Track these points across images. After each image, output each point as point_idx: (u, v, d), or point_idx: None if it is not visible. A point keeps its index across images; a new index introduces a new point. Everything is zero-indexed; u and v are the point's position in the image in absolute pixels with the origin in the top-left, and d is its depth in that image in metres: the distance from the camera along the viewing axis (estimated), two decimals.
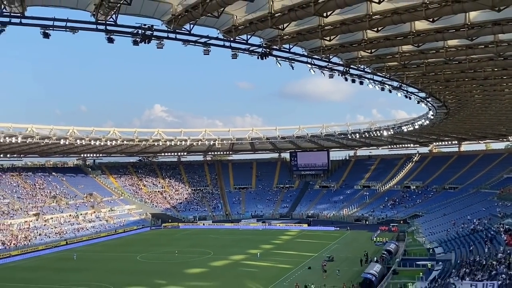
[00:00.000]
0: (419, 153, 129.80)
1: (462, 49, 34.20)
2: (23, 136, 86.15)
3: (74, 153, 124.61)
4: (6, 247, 77.77)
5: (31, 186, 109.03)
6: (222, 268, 61.52)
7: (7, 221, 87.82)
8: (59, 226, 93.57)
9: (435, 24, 27.63)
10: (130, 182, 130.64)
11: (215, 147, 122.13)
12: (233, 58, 33.05)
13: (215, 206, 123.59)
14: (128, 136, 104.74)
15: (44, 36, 26.68)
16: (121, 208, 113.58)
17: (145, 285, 52.14)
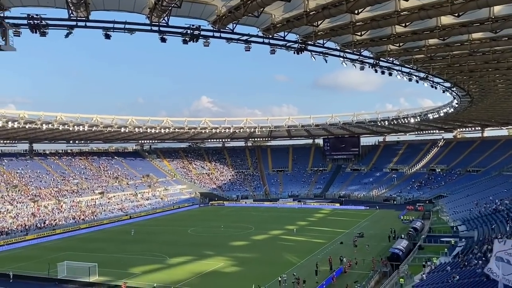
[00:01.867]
0: (444, 139, 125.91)
1: (486, 41, 32.73)
2: (89, 125, 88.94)
3: (133, 140, 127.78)
4: (76, 221, 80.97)
5: (97, 168, 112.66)
6: (262, 241, 62.01)
7: (77, 199, 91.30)
8: (120, 203, 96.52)
9: (460, 18, 26.53)
10: (181, 165, 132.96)
11: (255, 134, 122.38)
12: (271, 54, 32.85)
13: (255, 187, 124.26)
14: (179, 125, 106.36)
15: (106, 37, 27.23)
16: (174, 187, 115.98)
17: (195, 255, 53.23)
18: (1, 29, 23.06)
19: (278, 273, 42.33)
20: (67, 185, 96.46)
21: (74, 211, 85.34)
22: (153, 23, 27.12)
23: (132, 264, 50.05)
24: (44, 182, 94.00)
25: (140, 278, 43.98)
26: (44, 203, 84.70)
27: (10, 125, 76.38)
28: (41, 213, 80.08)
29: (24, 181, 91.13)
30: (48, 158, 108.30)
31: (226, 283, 41.44)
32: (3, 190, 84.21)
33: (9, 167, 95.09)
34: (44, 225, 75.66)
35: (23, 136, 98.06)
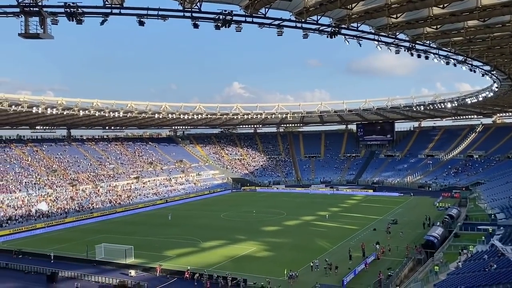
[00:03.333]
0: (482, 124, 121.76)
1: None
2: (124, 111, 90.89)
3: (166, 125, 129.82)
4: (113, 205, 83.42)
5: (132, 153, 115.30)
6: (294, 227, 62.19)
7: (113, 183, 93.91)
8: (155, 188, 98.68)
9: None
10: (214, 151, 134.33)
11: (287, 120, 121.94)
12: (304, 38, 32.44)
13: (287, 172, 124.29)
14: (211, 111, 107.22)
15: (139, 24, 27.53)
16: (206, 173, 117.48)
17: (228, 239, 54.00)
18: (40, 18, 23.65)
19: (310, 259, 42.47)
20: (104, 170, 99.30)
21: (111, 195, 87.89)
22: (185, 9, 27.21)
23: (166, 247, 51.29)
24: (82, 167, 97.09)
25: (174, 261, 45.07)
26: (82, 187, 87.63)
27: (49, 112, 78.95)
28: (79, 197, 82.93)
29: (63, 166, 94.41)
30: (85, 143, 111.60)
31: (259, 267, 41.91)
32: (43, 174, 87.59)
33: (49, 152, 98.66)
34: (82, 208, 78.39)
35: (61, 122, 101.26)
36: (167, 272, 40.79)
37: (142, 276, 40.21)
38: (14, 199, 74.85)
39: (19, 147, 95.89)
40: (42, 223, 68.37)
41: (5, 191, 75.96)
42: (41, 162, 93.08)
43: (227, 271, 39.72)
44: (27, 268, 43.99)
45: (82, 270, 42.17)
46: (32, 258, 48.47)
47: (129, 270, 41.66)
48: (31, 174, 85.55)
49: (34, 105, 75.96)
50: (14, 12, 23.65)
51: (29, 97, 77.62)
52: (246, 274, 38.51)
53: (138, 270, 41.76)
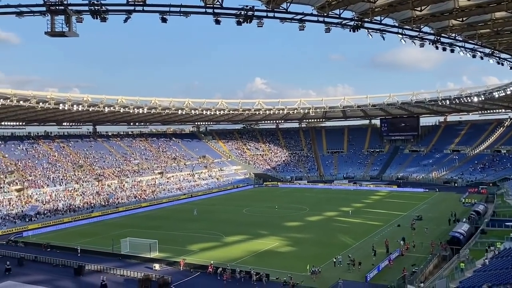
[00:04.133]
0: (510, 118, 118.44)
1: None
2: (148, 108, 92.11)
3: (189, 121, 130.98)
4: (138, 200, 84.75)
5: (156, 149, 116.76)
6: (317, 222, 61.94)
7: (138, 178, 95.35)
8: (178, 183, 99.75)
9: None
10: (236, 146, 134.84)
11: (309, 115, 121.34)
12: (326, 32, 32.12)
13: (310, 168, 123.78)
14: (233, 106, 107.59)
15: (162, 21, 27.74)
16: (229, 168, 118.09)
17: (250, 234, 54.19)
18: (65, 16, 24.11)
19: (333, 254, 42.26)
20: (129, 165, 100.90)
21: (136, 190, 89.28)
22: (207, 5, 27.28)
23: (190, 241, 51.83)
24: (107, 162, 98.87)
25: (198, 255, 45.52)
26: (107, 182, 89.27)
27: (75, 108, 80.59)
28: (105, 192, 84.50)
29: (89, 161, 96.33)
30: (110, 139, 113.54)
31: (281, 262, 41.94)
32: (70, 169, 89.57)
33: (75, 148, 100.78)
34: (108, 203, 79.88)
35: (87, 119, 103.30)
36: (190, 266, 41.23)
37: (166, 270, 40.76)
38: (43, 194, 76.84)
39: (47, 143, 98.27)
40: (69, 217, 70.02)
41: (34, 186, 78.03)
42: (68, 157, 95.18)
43: (250, 265, 39.91)
44: (55, 261, 45.15)
45: (108, 263, 43.01)
46: (60, 251, 49.73)
47: (153, 264, 42.30)
48: (58, 170, 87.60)
49: (61, 102, 77.63)
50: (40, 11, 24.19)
51: (56, 94, 79.36)
52: (269, 269, 38.63)
53: (162, 264, 42.35)
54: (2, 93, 68.74)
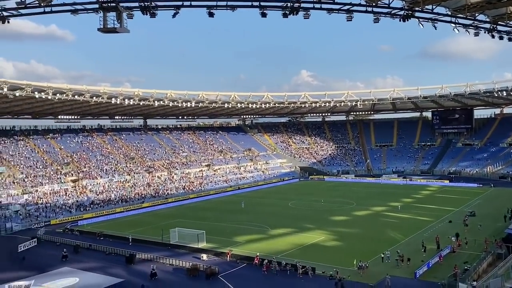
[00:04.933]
0: None
1: None
2: (196, 101, 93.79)
3: (235, 115, 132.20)
4: (186, 191, 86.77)
5: (203, 142, 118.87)
6: (364, 217, 60.92)
7: (186, 170, 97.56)
8: (225, 175, 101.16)
9: None
10: (281, 139, 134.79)
11: (357, 108, 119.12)
12: (375, 22, 31.34)
13: (357, 162, 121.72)
14: (279, 100, 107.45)
15: (209, 15, 28.14)
16: (274, 161, 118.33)
17: (296, 228, 54.13)
18: (116, 13, 25.02)
19: (381, 250, 41.47)
20: (178, 158, 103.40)
21: (184, 182, 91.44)
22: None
23: (236, 233, 52.52)
24: (157, 155, 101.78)
25: (244, 247, 46.05)
26: (157, 174, 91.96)
27: (127, 102, 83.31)
28: (155, 183, 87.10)
29: (140, 154, 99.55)
30: (160, 132, 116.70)
31: (327, 256, 41.66)
32: (122, 161, 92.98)
33: (127, 141, 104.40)
34: (157, 194, 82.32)
35: (138, 112, 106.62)
36: (237, 257, 41.82)
37: (214, 260, 41.55)
38: (96, 184, 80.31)
39: (100, 136, 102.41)
40: (121, 207, 72.80)
41: (88, 177, 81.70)
42: (120, 150, 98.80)
43: (295, 258, 39.94)
44: (108, 249, 47.14)
45: (158, 253, 44.41)
46: (112, 240, 51.84)
47: (201, 254, 43.26)
48: (111, 162, 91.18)
49: (113, 96, 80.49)
50: (93, 8, 25.24)
51: (109, 89, 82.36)
52: (314, 263, 38.49)
53: (210, 255, 43.20)
54: (59, 88, 72.16)
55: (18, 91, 65.02)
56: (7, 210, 63.93)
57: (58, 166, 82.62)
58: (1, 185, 70.68)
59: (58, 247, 48.95)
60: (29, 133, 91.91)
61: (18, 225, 60.39)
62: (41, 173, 78.36)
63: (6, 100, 69.73)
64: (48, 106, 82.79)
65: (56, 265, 42.35)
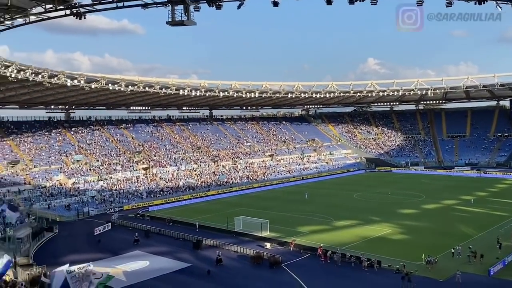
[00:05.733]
0: None
1: None
2: (259, 92, 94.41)
3: (299, 105, 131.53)
4: (250, 181, 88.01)
5: (266, 132, 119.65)
6: (434, 211, 58.45)
7: (250, 160, 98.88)
8: (288, 166, 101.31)
9: None
10: (346, 130, 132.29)
11: (427, 96, 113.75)
12: (447, 7, 29.74)
13: (427, 153, 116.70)
14: (344, 89, 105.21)
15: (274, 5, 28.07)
16: (339, 152, 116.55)
17: (361, 220, 53.13)
18: (184, 6, 25.73)
19: (451, 245, 39.61)
20: (241, 148, 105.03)
21: (248, 171, 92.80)
22: None
23: (299, 223, 52.56)
24: (222, 145, 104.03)
25: (307, 237, 46.00)
26: (222, 163, 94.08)
27: (193, 94, 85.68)
28: (220, 172, 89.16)
29: (206, 143, 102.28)
30: (225, 123, 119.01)
31: (393, 250, 40.55)
32: (189, 151, 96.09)
33: (194, 131, 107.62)
34: (222, 183, 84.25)
35: (204, 103, 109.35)
36: (300, 247, 41.88)
37: (277, 250, 41.94)
38: (165, 172, 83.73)
39: (169, 126, 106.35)
40: (188, 195, 75.39)
41: (158, 166, 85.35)
42: (187, 140, 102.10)
43: (360, 251, 39.28)
44: (176, 235, 49.10)
45: (223, 239, 45.58)
46: (180, 226, 53.93)
47: (265, 243, 43.81)
48: (179, 151, 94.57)
49: (181, 87, 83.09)
50: (162, 2, 26.14)
51: (177, 81, 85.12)
52: (380, 256, 37.63)
53: (273, 244, 43.65)
54: (130, 80, 75.70)
55: (93, 83, 69.03)
56: (84, 195, 68.52)
57: (130, 154, 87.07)
58: (79, 172, 75.81)
59: (130, 231, 51.73)
60: (104, 123, 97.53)
61: (94, 210, 64.55)
62: (115, 161, 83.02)
63: (83, 92, 74.29)
64: (121, 98, 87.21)
65: (128, 248, 44.84)
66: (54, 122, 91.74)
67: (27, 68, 58.54)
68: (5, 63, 55.26)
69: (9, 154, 75.26)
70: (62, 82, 64.35)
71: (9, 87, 65.72)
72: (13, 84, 62.02)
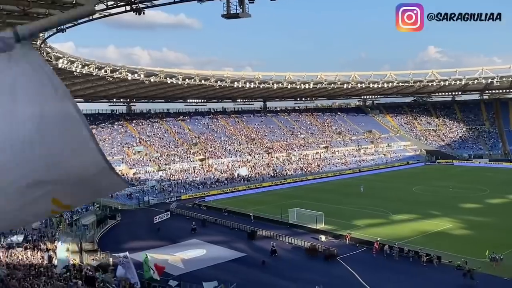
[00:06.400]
0: None
1: None
2: (314, 83, 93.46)
3: (355, 95, 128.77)
4: (303, 173, 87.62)
5: (321, 123, 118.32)
6: (499, 206, 55.35)
7: (304, 152, 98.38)
8: (343, 158, 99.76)
9: None
10: (405, 121, 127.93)
11: (493, 85, 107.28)
12: None
13: (492, 145, 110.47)
14: (403, 78, 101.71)
15: None
16: (397, 144, 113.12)
17: (420, 214, 51.34)
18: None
19: None
20: (296, 139, 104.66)
21: (302, 163, 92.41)
22: None
23: (355, 216, 51.69)
24: (276, 136, 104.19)
25: (364, 231, 45.17)
26: (276, 155, 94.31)
27: (248, 86, 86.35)
28: (274, 164, 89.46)
29: (259, 135, 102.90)
30: (279, 114, 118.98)
31: (455, 246, 38.88)
32: (243, 142, 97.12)
33: (248, 123, 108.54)
34: (276, 174, 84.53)
35: (258, 95, 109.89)
36: (355, 240, 41.26)
37: (332, 242, 41.55)
38: (221, 164, 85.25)
39: (224, 118, 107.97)
40: (243, 186, 76.34)
41: (213, 157, 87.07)
42: (242, 131, 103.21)
43: (418, 246, 38.07)
44: (232, 225, 49.95)
45: (277, 231, 45.78)
46: (235, 216, 54.80)
47: (319, 235, 43.52)
48: (233, 142, 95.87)
49: (236, 80, 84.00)
50: None
51: (232, 73, 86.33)
52: (440, 252, 36.29)
53: (328, 236, 43.27)
54: (187, 74, 77.53)
55: (152, 77, 71.37)
56: (144, 185, 71.30)
57: (187, 146, 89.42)
58: (139, 163, 78.93)
59: (188, 220, 53.26)
60: (162, 115, 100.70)
61: (154, 199, 67.04)
62: (173, 152, 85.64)
63: (143, 85, 77.05)
64: (179, 91, 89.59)
65: (186, 236, 46.21)
66: (117, 115, 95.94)
67: (90, 63, 61.54)
68: (71, 59, 58.38)
69: None
70: (123, 76, 67.11)
71: (74, 82, 69.47)
72: (78, 78, 65.51)
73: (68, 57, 57.68)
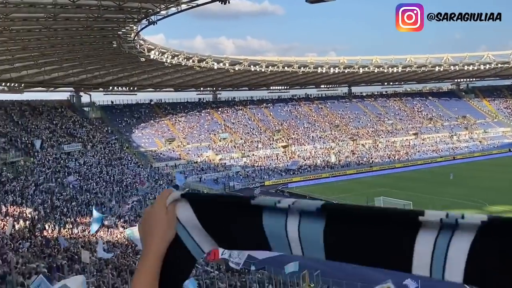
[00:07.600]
0: None
1: None
2: (402, 66, 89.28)
3: (447, 79, 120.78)
4: (391, 160, 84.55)
5: (410, 109, 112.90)
6: None
7: (391, 139, 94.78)
8: (434, 145, 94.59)
9: None
10: (505, 105, 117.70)
11: None
12: None
13: None
14: (502, 59, 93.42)
15: None
16: (495, 130, 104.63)
17: None
18: None
19: None
20: (382, 126, 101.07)
21: (389, 151, 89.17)
22: None
23: (447, 207, 48.87)
24: (362, 123, 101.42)
25: None
26: (361, 142, 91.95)
27: (332, 71, 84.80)
28: (359, 151, 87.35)
29: (344, 122, 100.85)
30: (364, 100, 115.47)
31: None
32: (327, 129, 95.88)
33: (332, 109, 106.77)
34: (362, 162, 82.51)
35: (343, 80, 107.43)
36: None
37: None
38: (304, 150, 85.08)
39: (307, 104, 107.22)
40: (326, 173, 75.61)
41: (296, 144, 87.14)
42: (325, 118, 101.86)
43: None
44: None
45: None
46: None
47: None
48: (317, 129, 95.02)
49: (319, 65, 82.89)
50: None
51: (315, 59, 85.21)
52: None
53: None
54: (271, 61, 78.01)
55: (237, 65, 72.86)
56: (230, 170, 73.52)
57: (270, 133, 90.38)
58: (225, 149, 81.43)
59: None
60: (246, 103, 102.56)
61: (238, 184, 68.92)
62: (256, 139, 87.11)
63: (228, 74, 79.01)
64: (262, 78, 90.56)
65: None
66: (204, 103, 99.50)
67: (179, 53, 64.32)
68: (162, 50, 61.47)
69: (167, 132, 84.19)
70: (209, 65, 69.33)
71: (165, 72, 73.13)
72: (168, 69, 68.89)
73: (159, 48, 60.77)
